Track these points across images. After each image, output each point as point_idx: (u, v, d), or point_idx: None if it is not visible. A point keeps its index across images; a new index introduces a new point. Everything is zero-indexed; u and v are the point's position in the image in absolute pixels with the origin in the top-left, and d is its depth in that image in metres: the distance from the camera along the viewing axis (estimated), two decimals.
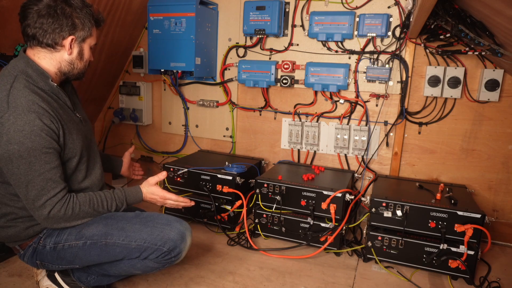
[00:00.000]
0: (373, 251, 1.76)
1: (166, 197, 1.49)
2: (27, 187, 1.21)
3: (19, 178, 1.21)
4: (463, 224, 1.61)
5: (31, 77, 1.26)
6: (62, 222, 1.29)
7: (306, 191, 1.85)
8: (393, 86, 2.12)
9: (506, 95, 1.97)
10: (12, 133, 1.16)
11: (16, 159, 1.18)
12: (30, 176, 1.20)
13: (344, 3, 2.13)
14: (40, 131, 1.19)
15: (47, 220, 1.26)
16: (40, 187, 1.22)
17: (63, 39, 1.29)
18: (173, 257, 1.35)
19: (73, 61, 1.35)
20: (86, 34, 1.34)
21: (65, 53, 1.32)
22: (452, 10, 1.68)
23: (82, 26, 1.31)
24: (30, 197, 1.23)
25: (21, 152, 1.18)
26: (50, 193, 1.24)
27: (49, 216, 1.24)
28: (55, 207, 1.24)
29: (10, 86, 1.21)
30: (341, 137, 2.25)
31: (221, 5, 2.41)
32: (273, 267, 1.74)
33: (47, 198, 1.23)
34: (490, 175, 2.06)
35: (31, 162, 1.19)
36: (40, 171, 1.21)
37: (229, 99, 2.49)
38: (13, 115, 1.17)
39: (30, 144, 1.18)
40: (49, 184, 1.23)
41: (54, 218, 1.26)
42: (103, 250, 1.32)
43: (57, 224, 1.29)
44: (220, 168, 2.10)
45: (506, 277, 1.72)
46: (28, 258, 1.39)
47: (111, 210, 1.39)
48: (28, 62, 1.28)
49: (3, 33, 1.87)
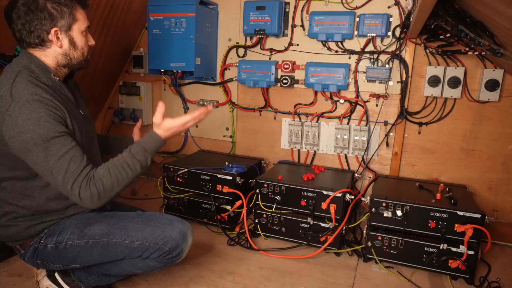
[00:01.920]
0: (373, 251, 1.76)
1: (183, 122, 1.38)
2: (52, 173, 1.20)
3: (43, 166, 1.20)
4: (463, 224, 1.61)
5: (33, 72, 1.26)
6: (97, 200, 1.24)
7: (306, 191, 1.85)
8: (393, 86, 2.12)
9: (506, 95, 1.97)
10: (21, 123, 1.16)
11: (32, 147, 1.18)
12: (51, 161, 1.19)
13: (344, 3, 2.13)
14: (48, 117, 1.19)
15: (82, 202, 1.24)
16: (64, 170, 1.20)
17: (47, 33, 1.26)
18: (175, 257, 1.35)
19: (67, 52, 1.32)
20: (69, 20, 1.28)
21: (55, 47, 1.29)
22: (452, 10, 1.68)
23: (60, 14, 1.26)
24: (59, 183, 1.21)
25: (35, 140, 1.17)
26: (74, 174, 1.21)
27: (81, 198, 1.22)
28: (81, 188, 1.22)
29: (13, 81, 1.21)
30: (341, 137, 2.25)
31: (221, 5, 2.41)
32: (273, 267, 1.74)
33: (73, 180, 1.21)
34: (490, 175, 2.06)
35: (48, 148, 1.19)
36: (58, 154, 1.20)
37: (229, 99, 2.49)
38: (18, 106, 1.17)
39: (41, 130, 1.17)
40: (71, 165, 1.21)
41: (87, 199, 1.23)
42: (105, 249, 1.32)
43: (93, 204, 1.25)
44: (220, 168, 2.10)
45: (506, 277, 1.72)
46: (29, 257, 1.39)
47: (136, 167, 1.30)
48: (30, 58, 1.28)
49: (3, 33, 1.86)
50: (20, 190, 1.32)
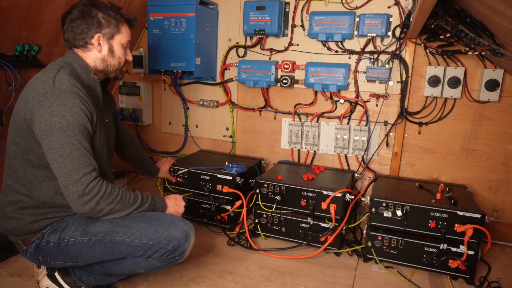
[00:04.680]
0: (373, 251, 1.76)
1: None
2: (64, 160, 1.23)
3: (58, 151, 1.23)
4: (463, 224, 1.61)
5: (75, 69, 1.38)
6: (93, 202, 1.26)
7: (306, 191, 1.85)
8: (393, 86, 2.12)
9: (506, 95, 1.97)
10: (55, 107, 1.24)
11: (56, 131, 1.23)
12: (68, 149, 1.23)
13: (344, 3, 2.13)
14: (80, 109, 1.27)
15: (82, 197, 1.23)
16: (78, 161, 1.24)
17: (91, 37, 1.40)
18: (177, 256, 1.36)
19: (105, 58, 1.44)
20: (113, 30, 1.43)
21: (95, 51, 1.42)
22: (452, 10, 1.68)
23: (107, 23, 1.41)
24: (66, 171, 1.23)
25: (62, 125, 1.23)
26: (87, 168, 1.25)
27: (85, 192, 1.23)
28: (91, 183, 1.25)
29: (57, 71, 1.31)
30: (341, 137, 2.25)
31: (221, 5, 2.41)
32: (273, 267, 1.74)
33: (84, 173, 1.24)
34: (490, 175, 2.06)
35: (70, 136, 1.24)
36: (78, 146, 1.25)
37: (229, 99, 2.49)
38: (57, 92, 1.25)
39: (71, 118, 1.24)
40: (85, 160, 1.26)
41: (89, 194, 1.24)
42: (108, 247, 1.33)
43: (87, 204, 1.25)
44: (220, 168, 2.10)
45: (506, 277, 1.72)
46: (31, 254, 1.39)
47: (136, 203, 1.37)
48: (75, 57, 1.40)
49: (3, 33, 1.87)
50: (30, 178, 1.34)
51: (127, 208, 1.34)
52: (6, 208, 1.37)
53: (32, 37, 2.00)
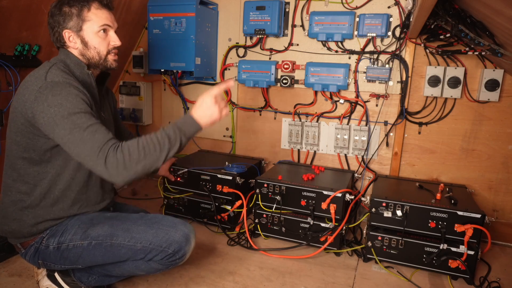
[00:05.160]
0: (373, 251, 1.76)
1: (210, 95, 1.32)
2: (78, 146, 1.20)
3: (68, 139, 1.20)
4: (463, 224, 1.61)
5: (68, 66, 1.34)
6: (122, 171, 1.20)
7: (306, 191, 1.85)
8: (393, 86, 2.12)
9: (506, 95, 1.97)
10: (51, 98, 1.21)
11: (59, 120, 1.20)
12: (77, 132, 1.19)
13: (344, 3, 2.13)
14: (75, 96, 1.24)
15: (108, 172, 1.19)
16: (90, 140, 1.19)
17: (62, 36, 1.34)
18: (178, 259, 1.36)
19: (82, 52, 1.37)
20: (78, 21, 1.32)
21: (72, 47, 1.36)
22: (452, 10, 1.68)
23: (69, 16, 1.31)
24: (84, 155, 1.20)
25: (62, 112, 1.20)
26: (101, 142, 1.20)
27: (106, 165, 1.19)
28: (108, 154, 1.19)
29: (49, 68, 1.29)
30: (341, 137, 2.25)
31: (221, 5, 2.41)
32: (273, 267, 1.74)
33: (100, 147, 1.19)
34: (490, 175, 2.06)
35: (74, 121, 1.20)
36: (84, 126, 1.20)
37: (229, 99, 2.49)
38: (50, 84, 1.23)
39: (69, 104, 1.21)
40: (97, 136, 1.20)
41: (113, 166, 1.19)
42: (108, 250, 1.32)
43: (119, 176, 1.20)
44: (220, 168, 2.10)
45: (506, 277, 1.72)
46: (30, 257, 1.39)
47: (165, 141, 1.25)
48: (67, 54, 1.36)
49: (3, 33, 1.87)
50: (33, 175, 1.33)
51: (159, 157, 1.24)
52: (7, 208, 1.37)
53: (32, 37, 2.00)
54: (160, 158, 1.25)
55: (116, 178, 1.21)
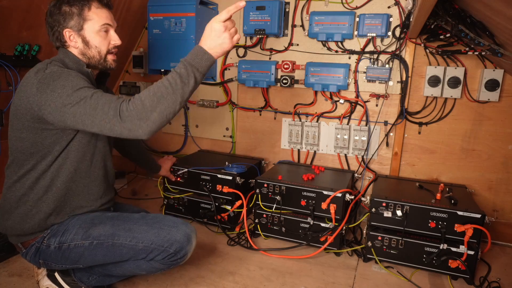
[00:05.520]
0: (373, 251, 1.76)
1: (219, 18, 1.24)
2: (91, 113, 1.18)
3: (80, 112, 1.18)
4: (463, 224, 1.61)
5: (67, 65, 1.34)
6: (137, 121, 1.17)
7: (306, 191, 1.85)
8: (393, 86, 2.12)
9: (506, 95, 1.97)
10: (52, 83, 1.21)
11: (66, 100, 1.19)
12: (85, 103, 1.18)
13: (344, 3, 2.13)
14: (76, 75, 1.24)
15: (126, 126, 1.17)
16: (100, 103, 1.18)
17: (62, 36, 1.34)
18: (179, 259, 1.36)
19: (83, 52, 1.37)
20: (79, 21, 1.32)
21: (72, 47, 1.36)
22: (452, 10, 1.68)
23: (70, 15, 1.32)
24: (100, 117, 1.18)
25: (67, 91, 1.19)
26: (110, 101, 1.18)
27: (123, 120, 1.16)
28: (121, 109, 1.17)
29: (47, 65, 1.29)
30: (341, 137, 2.25)
31: (221, 5, 2.40)
32: (273, 267, 1.74)
33: (110, 106, 1.17)
34: (490, 175, 2.06)
35: (79, 95, 1.19)
36: (89, 95, 1.19)
37: (229, 99, 2.49)
38: (50, 73, 1.23)
39: (71, 83, 1.21)
40: (105, 97, 1.19)
41: (128, 120, 1.17)
42: (110, 250, 1.33)
43: (139, 129, 1.17)
44: (220, 168, 2.10)
45: (506, 277, 1.72)
46: (31, 257, 1.39)
47: (176, 79, 1.21)
48: (66, 53, 1.36)
49: (3, 33, 1.87)
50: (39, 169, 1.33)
51: (176, 98, 1.19)
52: (11, 203, 1.37)
53: (32, 37, 2.00)
54: (176, 100, 1.19)
55: (136, 132, 1.18)
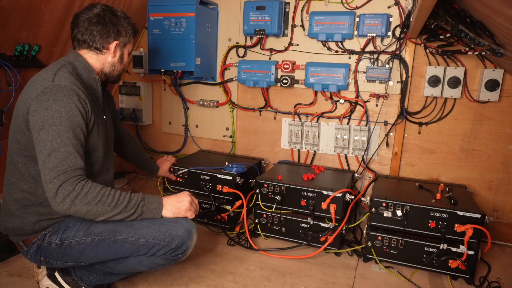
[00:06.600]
0: (373, 251, 1.76)
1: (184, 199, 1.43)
2: (50, 155, 1.21)
3: (45, 144, 1.22)
4: (463, 224, 1.61)
5: (76, 69, 1.40)
6: (68, 201, 1.20)
7: (306, 191, 1.85)
8: (393, 86, 2.12)
9: (506, 95, 1.97)
10: (51, 101, 1.25)
11: (48, 125, 1.23)
12: (56, 144, 1.22)
13: (344, 3, 2.13)
14: (75, 107, 1.28)
15: (56, 194, 1.19)
16: (62, 158, 1.22)
17: (109, 43, 1.46)
18: (180, 254, 1.37)
19: (114, 64, 1.51)
20: (127, 40, 1.52)
21: (109, 56, 1.48)
22: (452, 10, 1.68)
23: (124, 33, 1.49)
24: (49, 166, 1.20)
25: (55, 119, 1.24)
26: (69, 166, 1.21)
27: (60, 189, 1.19)
28: (69, 180, 1.20)
29: (58, 70, 1.33)
30: (341, 137, 2.25)
31: (221, 5, 2.41)
32: (273, 267, 1.74)
33: (65, 170, 1.20)
34: (490, 175, 2.06)
35: (61, 131, 1.24)
36: (66, 142, 1.24)
37: (229, 99, 2.49)
38: (56, 87, 1.27)
39: (65, 114, 1.25)
40: (70, 158, 1.23)
41: (64, 193, 1.19)
42: (111, 246, 1.33)
43: (62, 203, 1.20)
44: (220, 168, 2.10)
45: (506, 277, 1.72)
46: (32, 254, 1.39)
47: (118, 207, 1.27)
48: (77, 57, 1.43)
49: (3, 33, 1.87)
50: (33, 175, 1.34)
51: (106, 212, 1.26)
52: (10, 206, 1.38)
53: (32, 37, 2.00)
54: (106, 214, 1.26)
55: (57, 205, 1.21)
